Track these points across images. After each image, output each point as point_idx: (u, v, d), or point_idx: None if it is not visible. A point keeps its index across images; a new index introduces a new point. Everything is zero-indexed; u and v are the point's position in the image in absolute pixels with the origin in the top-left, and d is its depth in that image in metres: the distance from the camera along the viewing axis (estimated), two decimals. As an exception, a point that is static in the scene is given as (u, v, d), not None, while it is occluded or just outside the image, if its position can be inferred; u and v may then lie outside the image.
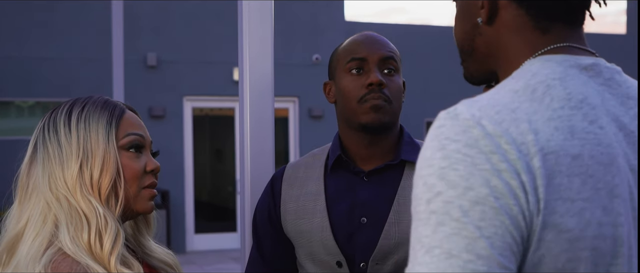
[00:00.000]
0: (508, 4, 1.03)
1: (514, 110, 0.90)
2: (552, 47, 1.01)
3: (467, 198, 0.83)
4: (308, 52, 11.33)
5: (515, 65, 1.03)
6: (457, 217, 0.83)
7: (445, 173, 0.85)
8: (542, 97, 0.92)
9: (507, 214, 0.83)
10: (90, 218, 1.33)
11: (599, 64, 1.01)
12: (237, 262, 9.74)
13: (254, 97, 1.98)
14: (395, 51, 1.74)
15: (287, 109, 11.20)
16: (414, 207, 0.88)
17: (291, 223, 1.75)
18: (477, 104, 0.91)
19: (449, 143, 0.87)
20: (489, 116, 0.88)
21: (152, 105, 10.46)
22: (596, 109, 0.94)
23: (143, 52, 10.44)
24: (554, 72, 0.96)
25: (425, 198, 0.85)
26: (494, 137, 0.86)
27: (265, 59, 1.98)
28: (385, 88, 1.67)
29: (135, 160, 1.43)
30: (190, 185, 10.74)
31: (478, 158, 0.85)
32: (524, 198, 0.85)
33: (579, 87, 0.95)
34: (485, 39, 1.07)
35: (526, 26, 1.03)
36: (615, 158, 0.91)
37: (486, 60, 1.08)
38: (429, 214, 0.84)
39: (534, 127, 0.88)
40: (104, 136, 1.39)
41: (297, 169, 1.81)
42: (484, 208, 0.83)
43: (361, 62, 1.69)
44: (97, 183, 1.37)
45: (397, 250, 1.64)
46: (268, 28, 1.98)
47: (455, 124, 0.88)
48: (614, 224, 0.89)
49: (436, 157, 0.86)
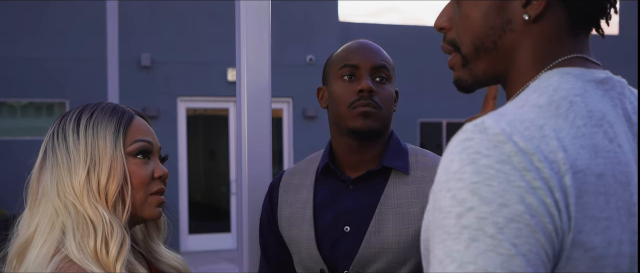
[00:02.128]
0: (556, 3, 1.00)
1: (542, 126, 0.89)
2: (565, 59, 1.01)
3: (502, 215, 0.82)
4: (302, 53, 11.34)
5: (532, 71, 1.02)
6: (492, 234, 0.82)
7: (478, 188, 0.84)
8: (566, 114, 0.92)
9: (542, 232, 0.83)
10: (96, 224, 1.34)
11: (612, 78, 1.00)
12: (231, 263, 9.74)
13: (251, 98, 1.98)
14: (388, 60, 1.76)
15: (281, 109, 11.20)
16: (440, 220, 0.86)
17: (285, 230, 1.78)
18: (504, 118, 0.89)
19: (480, 157, 0.85)
20: (519, 132, 0.87)
21: (146, 106, 10.45)
22: (614, 127, 0.94)
23: (137, 53, 10.43)
24: (575, 88, 0.96)
25: (455, 212, 0.84)
26: (527, 153, 0.85)
27: (262, 59, 1.99)
28: (376, 95, 1.68)
29: (142, 166, 1.43)
30: (184, 185, 10.74)
31: (512, 175, 0.84)
32: (557, 216, 0.84)
33: (598, 103, 0.95)
34: (514, 39, 1.02)
35: (563, 29, 1.01)
36: (632, 176, 0.92)
37: (504, 60, 1.04)
38: (461, 229, 0.83)
39: (562, 145, 0.88)
40: (112, 143, 1.40)
41: (293, 176, 1.84)
42: (519, 226, 0.82)
43: (353, 69, 1.71)
44: (104, 190, 1.38)
45: (378, 259, 1.65)
46: (265, 28, 1.99)
47: (485, 138, 0.87)
48: (631, 242, 0.90)
49: (466, 171, 0.85)
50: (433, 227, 0.88)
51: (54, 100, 10.31)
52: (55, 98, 10.28)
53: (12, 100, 10.24)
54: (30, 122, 10.47)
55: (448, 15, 1.10)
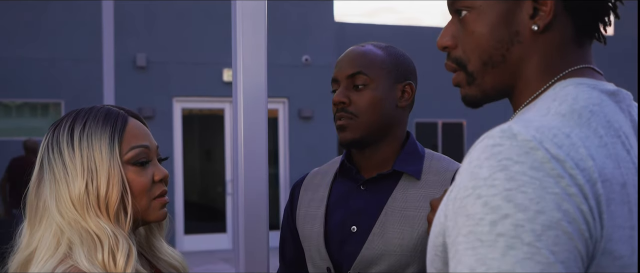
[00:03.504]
0: (562, 11, 1.00)
1: (569, 134, 0.89)
2: (575, 69, 1.01)
3: (539, 222, 0.81)
4: (298, 53, 11.35)
5: (540, 81, 1.02)
6: (530, 241, 0.80)
7: (512, 195, 0.82)
8: (588, 123, 0.92)
9: (580, 239, 0.83)
10: (102, 238, 1.33)
11: (621, 90, 1.01)
12: (226, 263, 9.74)
13: (247, 98, 1.99)
14: (367, 64, 1.70)
15: (276, 109, 11.20)
16: (469, 226, 0.84)
17: (300, 227, 1.80)
18: (532, 124, 0.89)
19: (512, 164, 0.84)
20: (549, 139, 0.87)
21: (142, 106, 10.44)
22: (629, 138, 0.95)
23: (132, 53, 10.43)
24: (592, 97, 0.96)
25: (488, 220, 0.83)
26: (559, 161, 0.85)
27: (258, 60, 2.00)
28: (350, 106, 1.68)
29: (141, 173, 1.41)
30: (180, 185, 10.74)
31: (546, 181, 0.83)
32: (593, 224, 0.84)
33: (614, 115, 0.96)
34: (523, 50, 1.02)
35: (569, 39, 1.01)
36: None
37: (512, 73, 1.04)
38: (496, 236, 0.81)
39: (590, 153, 0.88)
40: (107, 153, 1.38)
41: (315, 176, 1.86)
42: (557, 233, 0.81)
43: (336, 83, 1.73)
44: (105, 201, 1.36)
45: (380, 261, 1.65)
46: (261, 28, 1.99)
47: (515, 145, 0.86)
48: None
49: (498, 178, 0.84)
50: (455, 233, 0.86)
51: (50, 100, 10.30)
52: (51, 98, 10.27)
53: (7, 100, 10.22)
54: (24, 122, 10.46)
55: (451, 34, 1.09)
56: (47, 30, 10.13)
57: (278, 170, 11.17)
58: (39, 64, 10.06)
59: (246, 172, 1.97)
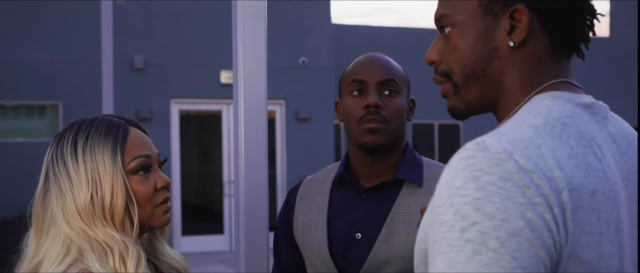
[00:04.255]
0: (538, 28, 1.06)
1: (539, 146, 0.94)
2: (553, 83, 1.07)
3: (503, 230, 0.87)
4: (295, 55, 11.37)
5: (520, 95, 1.07)
6: (494, 248, 0.86)
7: (481, 204, 0.88)
8: (560, 134, 0.97)
9: (542, 246, 0.88)
10: (112, 246, 1.37)
11: (597, 103, 1.07)
12: (224, 264, 9.75)
13: (248, 100, 2.01)
14: (396, 73, 1.77)
15: (274, 111, 11.22)
16: (442, 233, 0.90)
17: (299, 235, 1.82)
18: (504, 137, 0.94)
19: (483, 175, 0.90)
20: (519, 151, 0.92)
21: (139, 108, 10.45)
22: (602, 148, 1.01)
23: (130, 55, 10.43)
24: (566, 110, 1.01)
25: (458, 227, 0.88)
26: (527, 171, 0.90)
27: (258, 61, 2.02)
28: (383, 110, 1.72)
29: (144, 182, 1.45)
30: (177, 187, 10.74)
31: (513, 191, 0.88)
32: (555, 231, 0.89)
33: (587, 126, 1.01)
34: (502, 65, 1.08)
35: (547, 55, 1.07)
36: (619, 194, 0.98)
37: (494, 87, 1.10)
38: (464, 242, 0.87)
39: (559, 164, 0.93)
40: (111, 164, 1.42)
41: (310, 184, 1.88)
42: (520, 240, 0.86)
43: (361, 84, 1.75)
44: (110, 210, 1.40)
45: (386, 266, 1.69)
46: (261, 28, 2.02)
47: (487, 157, 0.91)
48: (619, 256, 0.96)
49: (470, 187, 0.89)
50: (433, 239, 0.92)
51: (48, 102, 10.30)
52: (49, 99, 10.27)
53: (5, 102, 10.22)
54: (21, 124, 10.46)
55: (438, 49, 1.15)
56: (45, 32, 10.13)
57: (275, 171, 11.19)
58: (37, 66, 10.06)
59: (246, 174, 1.99)
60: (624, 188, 1.02)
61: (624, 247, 0.97)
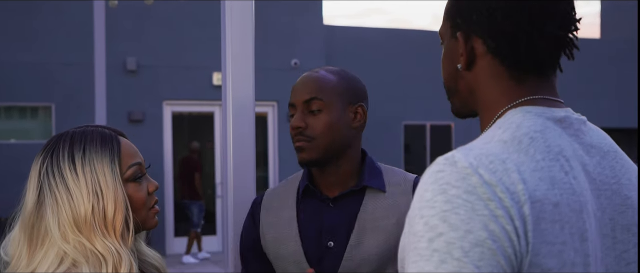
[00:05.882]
0: (485, 53, 1.14)
1: (505, 160, 1.00)
2: (528, 99, 1.12)
3: (467, 240, 0.93)
4: (287, 57, 11.39)
5: (494, 110, 1.14)
6: (458, 257, 0.92)
7: (447, 216, 0.95)
8: (527, 149, 1.04)
9: (503, 255, 0.94)
10: (106, 257, 1.40)
11: (570, 116, 1.13)
12: (216, 265, 9.76)
13: (236, 101, 2.04)
14: (322, 89, 1.79)
15: (266, 112, 11.25)
16: (414, 243, 0.97)
17: (271, 248, 1.85)
18: (472, 152, 1.01)
19: (450, 188, 0.97)
20: (484, 165, 0.99)
21: (132, 110, 10.46)
22: (570, 160, 1.06)
23: (123, 57, 10.44)
24: (535, 125, 1.08)
25: (427, 237, 0.95)
26: (490, 185, 0.97)
27: (246, 63, 2.05)
28: (306, 129, 1.78)
29: (139, 188, 1.51)
30: (170, 188, 10.75)
31: (477, 204, 0.95)
32: (516, 241, 0.96)
33: (556, 139, 1.07)
34: (466, 83, 1.17)
35: (502, 76, 1.14)
36: (585, 205, 1.04)
37: (467, 100, 1.19)
38: (432, 252, 0.94)
39: (522, 177, 0.99)
40: (111, 175, 1.45)
41: (273, 196, 1.91)
42: (482, 250, 0.93)
43: (292, 107, 1.83)
44: (112, 222, 1.43)
45: (359, 271, 1.76)
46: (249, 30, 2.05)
47: (454, 171, 0.98)
48: (584, 264, 1.01)
49: (438, 200, 0.96)
50: (408, 249, 0.99)
51: (40, 103, 10.30)
52: (42, 101, 10.27)
53: (-3, 104, 10.22)
54: (12, 125, 10.45)
55: None
56: (38, 34, 10.13)
57: (267, 172, 11.21)
58: (30, 67, 10.06)
59: (235, 175, 2.03)
60: (596, 198, 1.07)
61: (589, 256, 1.02)
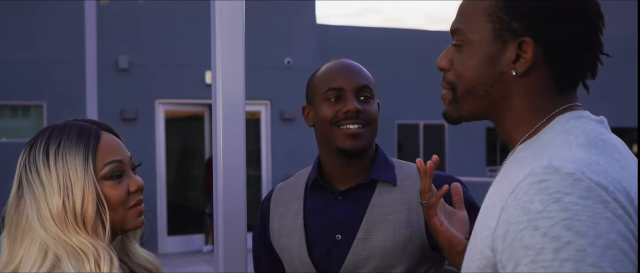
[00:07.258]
0: (542, 62, 1.11)
1: (598, 162, 0.99)
2: (568, 105, 1.12)
3: (598, 245, 0.91)
4: (280, 56, 11.38)
5: (532, 118, 1.13)
6: (593, 262, 0.90)
7: (570, 223, 0.92)
8: (604, 150, 1.03)
9: (633, 254, 0.93)
10: (86, 252, 1.39)
11: (604, 120, 1.13)
12: (209, 264, 9.75)
13: (226, 99, 2.02)
14: (370, 79, 1.83)
15: (259, 111, 11.23)
16: (532, 256, 0.93)
17: (276, 241, 1.86)
18: (565, 157, 0.99)
19: (563, 196, 0.94)
20: (588, 169, 0.97)
21: (124, 109, 10.43)
22: (627, 158, 1.07)
23: (115, 55, 10.41)
24: (597, 128, 1.08)
25: (550, 248, 0.92)
26: (603, 187, 0.95)
27: (236, 61, 2.03)
28: (362, 114, 1.76)
29: (116, 187, 1.47)
30: (163, 187, 10.73)
31: (597, 207, 0.93)
32: (634, 239, 0.94)
33: (613, 139, 1.08)
34: (506, 89, 1.14)
35: (549, 86, 1.13)
36: None
37: (497, 107, 1.16)
38: (561, 262, 0.91)
39: (618, 176, 0.98)
40: (82, 171, 1.43)
41: (283, 190, 1.92)
42: (614, 252, 0.91)
43: (338, 91, 1.78)
44: (81, 216, 1.41)
45: (366, 264, 1.74)
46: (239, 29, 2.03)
47: (561, 178, 0.95)
48: None
49: (553, 210, 0.93)
50: (514, 264, 0.95)
51: (32, 102, 10.26)
52: (33, 100, 10.23)
53: (-12, 102, 10.18)
54: (5, 124, 10.41)
55: (449, 57, 1.21)
56: (29, 32, 10.09)
57: (260, 171, 11.20)
58: (21, 66, 10.02)
59: (225, 174, 2.01)
60: None
61: None
